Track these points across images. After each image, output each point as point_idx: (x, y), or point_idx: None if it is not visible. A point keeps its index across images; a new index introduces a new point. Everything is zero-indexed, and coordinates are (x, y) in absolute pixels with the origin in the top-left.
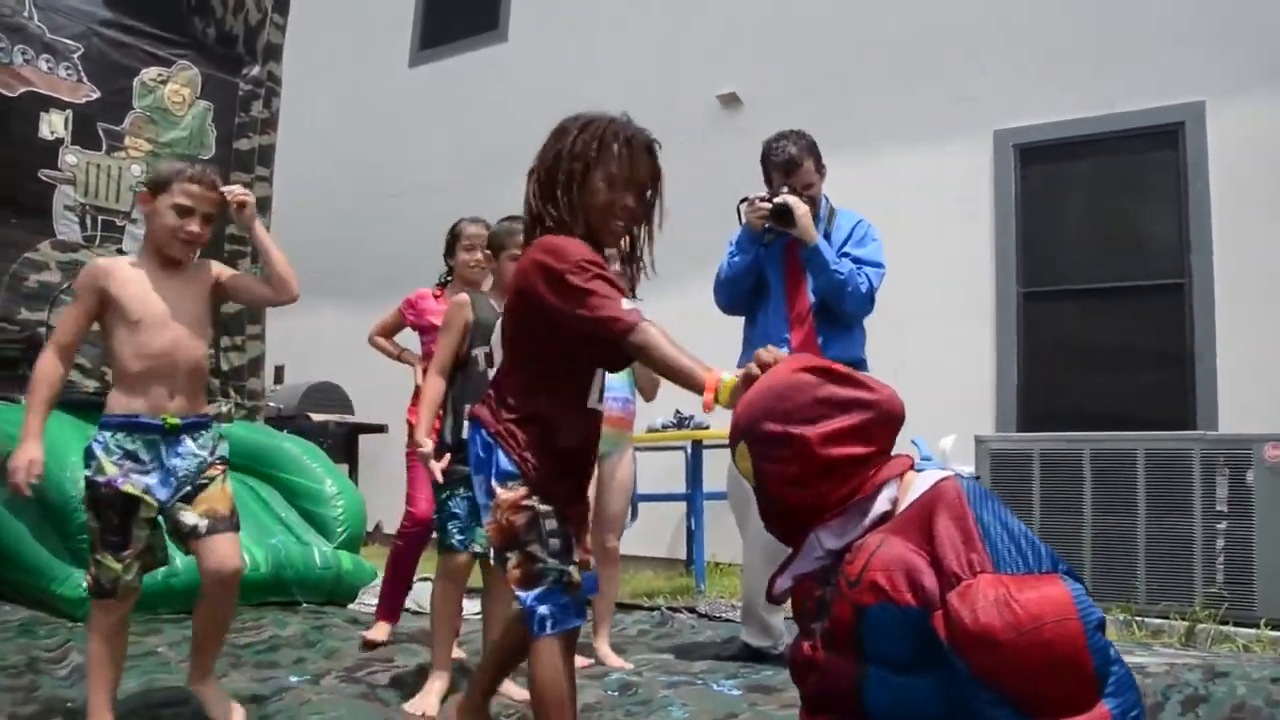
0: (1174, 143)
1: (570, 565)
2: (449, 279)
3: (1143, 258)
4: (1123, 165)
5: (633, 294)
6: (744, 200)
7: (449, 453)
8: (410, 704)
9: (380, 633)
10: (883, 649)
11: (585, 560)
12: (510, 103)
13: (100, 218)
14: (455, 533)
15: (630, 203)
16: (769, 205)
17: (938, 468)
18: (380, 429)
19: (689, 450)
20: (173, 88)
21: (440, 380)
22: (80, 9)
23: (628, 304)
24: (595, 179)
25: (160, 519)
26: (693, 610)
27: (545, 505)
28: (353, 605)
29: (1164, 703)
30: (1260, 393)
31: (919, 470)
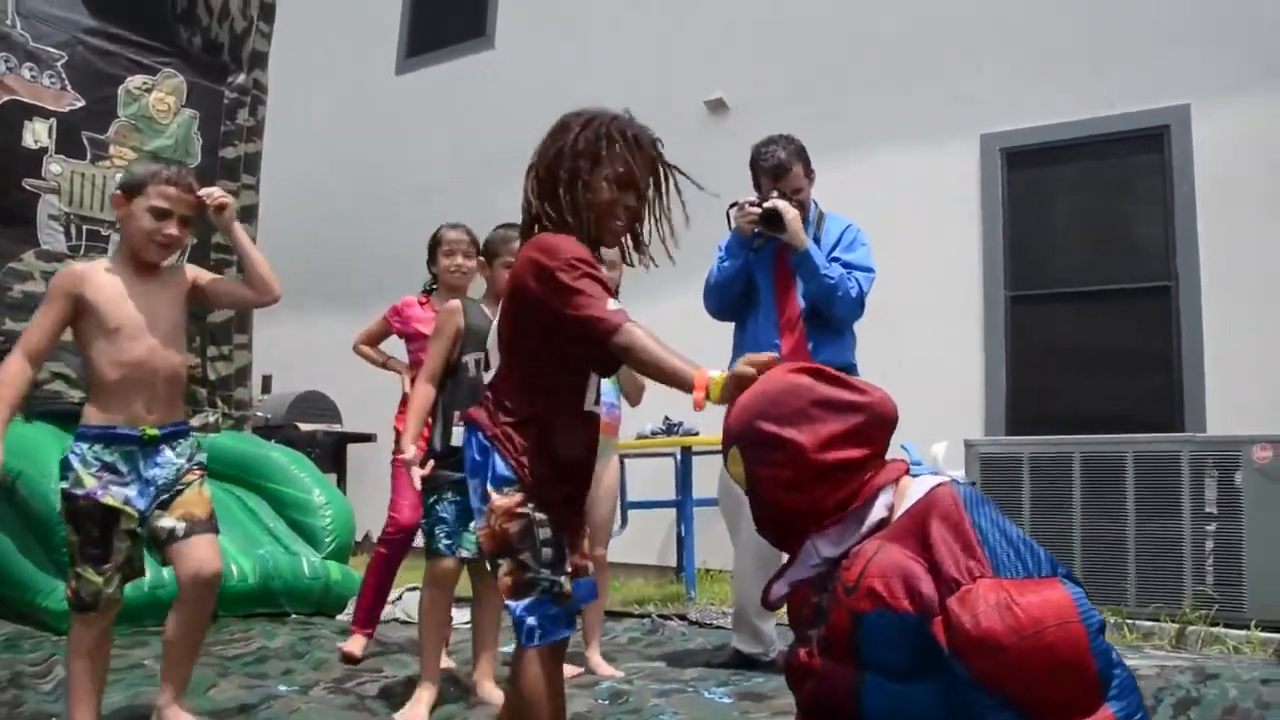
0: (1160, 146)
1: (562, 576)
2: (434, 286)
3: (1130, 261)
4: (1109, 169)
5: (615, 296)
6: (733, 205)
7: (436, 459)
8: (399, 715)
9: (356, 646)
10: (880, 656)
11: (584, 566)
12: (505, 104)
13: (85, 227)
14: (442, 537)
15: (632, 202)
16: (759, 210)
17: (932, 473)
18: (368, 438)
19: (678, 456)
20: (158, 96)
21: (429, 387)
22: (64, 17)
23: (614, 304)
24: (598, 177)
25: (140, 530)
26: (683, 617)
27: (541, 513)
28: (341, 616)
29: (1156, 705)
30: (1248, 394)
31: (914, 476)
